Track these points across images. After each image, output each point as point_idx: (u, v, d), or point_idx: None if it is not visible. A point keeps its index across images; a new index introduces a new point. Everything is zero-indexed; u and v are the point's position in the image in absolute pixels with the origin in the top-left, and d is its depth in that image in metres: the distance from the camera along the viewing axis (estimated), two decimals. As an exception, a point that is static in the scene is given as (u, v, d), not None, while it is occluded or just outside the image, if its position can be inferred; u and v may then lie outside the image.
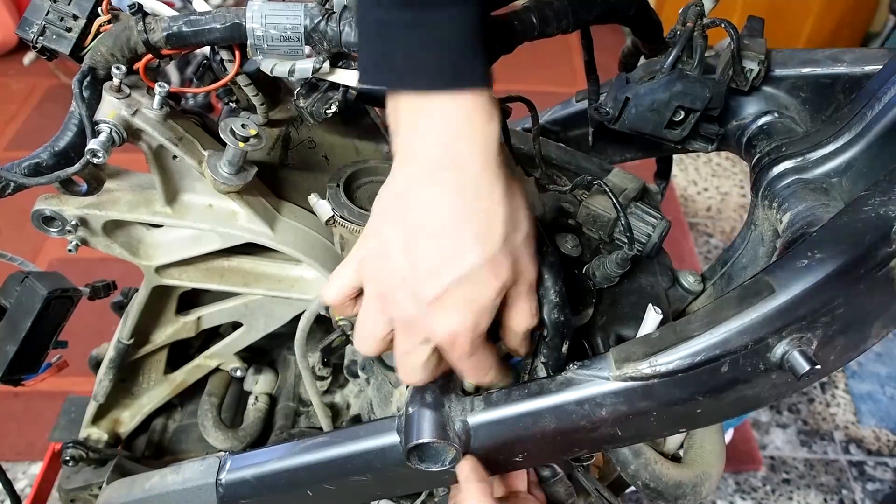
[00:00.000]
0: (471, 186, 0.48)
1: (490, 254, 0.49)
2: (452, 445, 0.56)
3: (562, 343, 0.58)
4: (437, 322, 0.50)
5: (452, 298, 0.49)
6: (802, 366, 0.49)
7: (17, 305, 0.73)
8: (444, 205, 0.48)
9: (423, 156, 0.48)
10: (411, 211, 0.49)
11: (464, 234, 0.48)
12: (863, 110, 0.60)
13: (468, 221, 0.48)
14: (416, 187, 0.49)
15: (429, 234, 0.49)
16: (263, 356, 1.00)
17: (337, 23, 0.61)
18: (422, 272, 0.49)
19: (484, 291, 0.50)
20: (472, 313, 0.50)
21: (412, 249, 0.49)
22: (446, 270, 0.48)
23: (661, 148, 0.77)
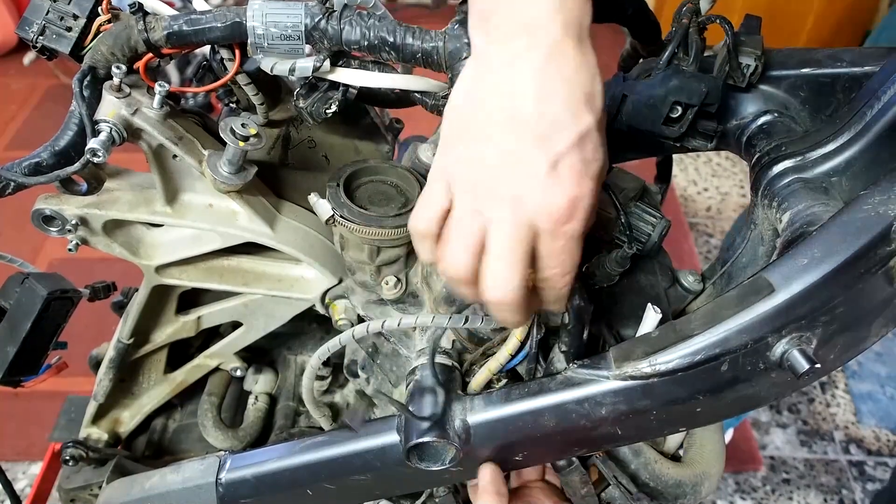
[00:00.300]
0: (571, 52, 0.46)
1: (598, 119, 0.47)
2: (452, 445, 0.56)
3: (582, 330, 0.58)
4: (553, 192, 0.46)
5: (570, 161, 0.46)
6: (802, 365, 0.49)
7: (16, 307, 0.73)
8: (549, 69, 0.46)
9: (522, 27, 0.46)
10: (521, 75, 0.46)
11: (578, 95, 0.46)
12: (862, 110, 0.60)
13: (581, 85, 0.46)
14: (525, 55, 0.46)
15: (537, 97, 0.46)
16: (263, 356, 1.00)
17: (338, 21, 0.61)
18: (531, 140, 0.46)
19: (598, 154, 0.47)
20: (589, 174, 0.47)
21: (516, 119, 0.46)
22: (563, 132, 0.46)
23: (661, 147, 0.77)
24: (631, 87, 0.67)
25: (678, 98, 0.65)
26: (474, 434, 0.57)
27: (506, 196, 0.47)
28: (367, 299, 0.72)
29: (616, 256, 0.65)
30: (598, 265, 0.67)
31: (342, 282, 0.79)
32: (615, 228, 0.69)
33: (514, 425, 0.56)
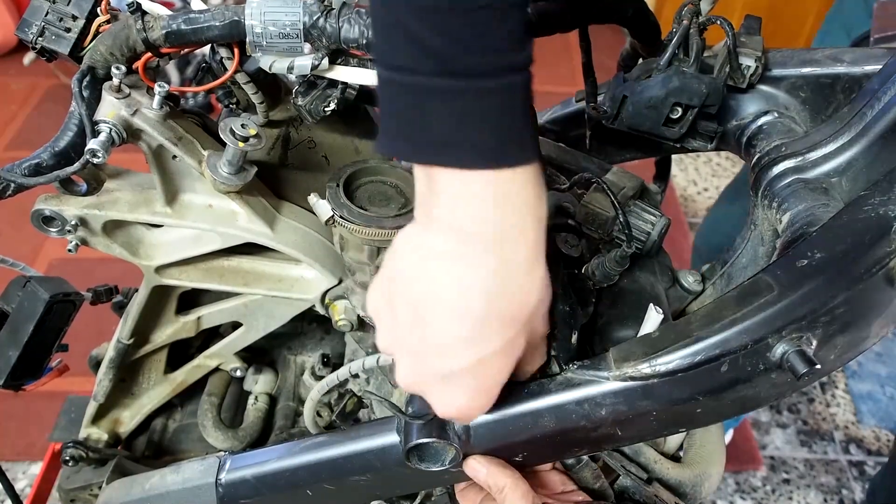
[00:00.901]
0: (513, 273, 0.44)
1: (511, 337, 0.46)
2: (452, 445, 0.56)
3: (570, 334, 0.58)
4: (441, 398, 0.50)
5: (462, 380, 0.48)
6: (802, 365, 0.49)
7: (18, 310, 0.73)
8: (479, 288, 0.43)
9: (465, 230, 0.43)
10: (435, 284, 0.44)
11: (491, 318, 0.45)
12: (863, 110, 0.60)
13: (499, 307, 0.44)
14: (447, 261, 0.44)
15: (451, 310, 0.44)
16: (263, 356, 1.00)
17: (336, 19, 0.61)
18: (432, 346, 0.46)
19: (499, 374, 0.49)
20: (482, 395, 0.50)
21: (427, 321, 0.45)
22: (462, 353, 0.46)
23: (661, 147, 0.77)
24: (631, 87, 0.67)
25: (679, 99, 0.65)
26: (474, 435, 0.57)
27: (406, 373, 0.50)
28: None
29: (615, 256, 0.65)
30: (598, 265, 0.67)
31: (342, 282, 0.79)
32: (614, 227, 0.69)
33: (513, 426, 0.56)
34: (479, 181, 0.41)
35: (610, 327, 0.67)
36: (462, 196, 0.42)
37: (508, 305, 0.45)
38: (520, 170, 0.42)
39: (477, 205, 0.42)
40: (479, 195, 0.42)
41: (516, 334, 0.46)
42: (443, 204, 0.43)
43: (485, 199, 0.42)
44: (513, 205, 0.42)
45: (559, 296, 0.57)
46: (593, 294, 0.68)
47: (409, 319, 0.46)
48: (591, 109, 0.73)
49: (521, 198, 0.42)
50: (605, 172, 0.78)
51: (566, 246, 0.68)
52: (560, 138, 0.87)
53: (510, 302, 0.45)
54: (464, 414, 0.51)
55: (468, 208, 0.42)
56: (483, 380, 0.48)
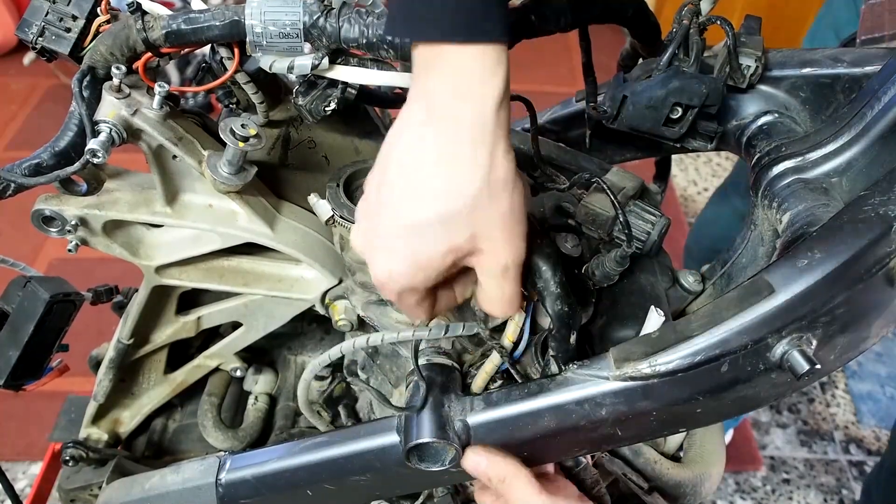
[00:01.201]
0: (455, 140, 0.47)
1: (450, 211, 0.48)
2: (452, 445, 0.56)
3: (569, 334, 0.58)
4: (376, 259, 0.51)
5: (396, 241, 0.50)
6: (802, 365, 0.49)
7: (19, 311, 0.73)
8: (424, 149, 0.48)
9: (424, 102, 0.48)
10: (395, 148, 0.49)
11: (431, 182, 0.48)
12: (863, 110, 0.60)
13: (439, 173, 0.47)
14: (407, 128, 0.49)
15: (401, 170, 0.49)
16: (263, 356, 1.00)
17: (336, 19, 0.61)
18: (382, 204, 0.50)
19: (430, 247, 0.49)
20: (409, 263, 0.50)
21: (384, 181, 0.50)
22: (400, 214, 0.49)
23: (661, 147, 0.77)
24: (631, 87, 0.67)
25: (679, 99, 0.65)
26: (474, 435, 0.57)
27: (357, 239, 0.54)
28: (366, 300, 0.72)
29: (615, 255, 0.65)
30: (598, 265, 0.67)
31: (342, 282, 0.79)
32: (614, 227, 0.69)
33: (513, 426, 0.56)
34: (444, 55, 0.46)
35: (610, 327, 0.67)
36: (431, 68, 0.47)
37: (445, 178, 0.47)
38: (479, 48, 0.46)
39: (437, 76, 0.47)
40: (440, 67, 0.46)
41: (453, 215, 0.48)
42: (417, 78, 0.48)
43: (444, 70, 0.46)
44: (466, 78, 0.46)
45: (558, 295, 0.57)
46: (593, 294, 0.68)
47: (376, 182, 0.51)
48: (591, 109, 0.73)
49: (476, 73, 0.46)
50: (605, 172, 0.78)
51: (566, 246, 0.68)
52: (560, 138, 0.87)
53: (448, 175, 0.47)
54: (390, 279, 0.51)
55: (431, 79, 0.47)
56: (413, 246, 0.49)
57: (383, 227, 0.50)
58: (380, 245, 0.51)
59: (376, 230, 0.51)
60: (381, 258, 0.51)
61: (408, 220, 0.49)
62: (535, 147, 0.77)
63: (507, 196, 0.49)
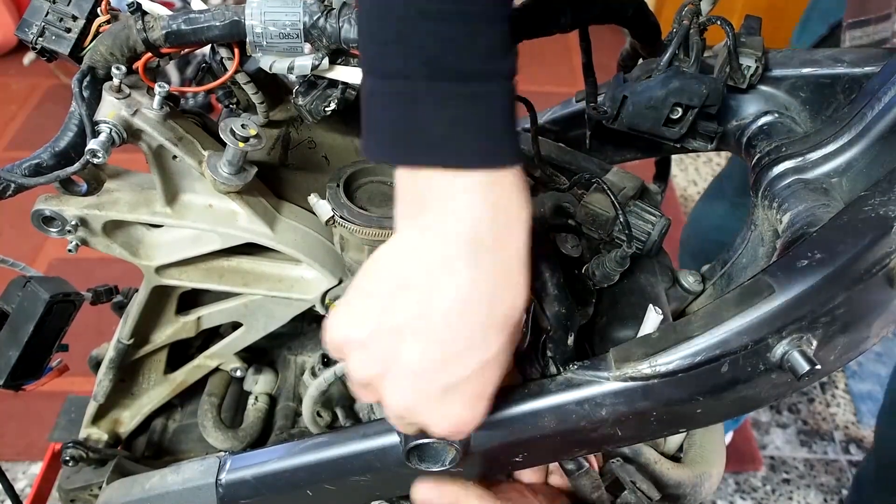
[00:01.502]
0: (506, 268, 0.45)
1: (506, 339, 0.46)
2: (452, 445, 0.56)
3: (566, 336, 0.58)
4: (438, 415, 0.48)
5: (465, 389, 0.47)
6: (802, 366, 0.49)
7: (18, 311, 0.73)
8: (478, 288, 0.44)
9: (461, 235, 0.43)
10: (437, 292, 0.44)
11: (494, 322, 0.45)
12: (863, 110, 0.60)
13: (500, 309, 0.45)
14: (446, 267, 0.43)
15: (457, 317, 0.44)
16: (263, 356, 1.00)
17: (336, 19, 0.61)
18: (439, 360, 0.45)
19: (496, 379, 0.48)
20: (482, 402, 0.48)
21: (430, 334, 0.45)
22: (467, 362, 0.45)
23: (661, 148, 0.77)
24: (631, 88, 0.67)
25: (679, 99, 0.65)
26: (474, 435, 0.57)
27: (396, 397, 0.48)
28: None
29: (616, 256, 0.65)
30: (598, 265, 0.67)
31: (342, 282, 0.79)
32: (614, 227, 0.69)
33: (513, 426, 0.56)
34: (471, 182, 0.42)
35: (610, 327, 0.67)
36: (455, 199, 0.43)
37: (504, 308, 0.45)
38: (509, 172, 0.43)
39: (471, 207, 0.43)
40: (472, 197, 0.43)
41: (509, 337, 0.47)
42: (435, 209, 0.43)
43: (478, 201, 0.43)
44: (504, 206, 0.44)
45: (556, 297, 0.57)
46: (593, 294, 0.68)
47: (404, 336, 0.45)
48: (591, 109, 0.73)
49: (512, 199, 0.44)
50: (605, 172, 0.78)
51: (566, 246, 0.68)
52: (560, 138, 0.87)
53: (505, 304, 0.45)
54: (464, 427, 0.49)
55: (463, 211, 0.43)
56: (483, 386, 0.48)
57: (442, 384, 0.46)
58: (439, 403, 0.47)
59: (430, 390, 0.46)
60: (442, 415, 0.48)
61: (475, 365, 0.46)
62: (536, 147, 0.77)
63: None
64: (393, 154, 0.44)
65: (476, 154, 0.42)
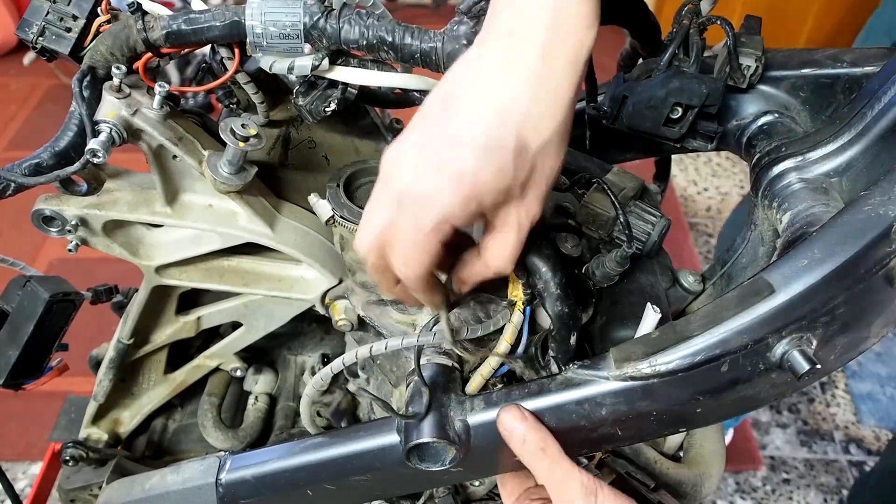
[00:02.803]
0: (547, 79, 0.45)
1: (522, 147, 0.46)
2: (452, 445, 0.56)
3: (569, 335, 0.58)
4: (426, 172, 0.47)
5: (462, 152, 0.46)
6: (802, 365, 0.49)
7: (18, 310, 0.73)
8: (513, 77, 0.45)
9: (515, 35, 0.45)
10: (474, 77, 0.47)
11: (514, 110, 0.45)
12: (863, 110, 0.60)
13: (525, 105, 0.45)
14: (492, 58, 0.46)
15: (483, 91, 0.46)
16: (263, 356, 1.00)
17: (336, 20, 0.61)
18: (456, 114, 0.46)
19: (490, 177, 0.46)
20: (465, 183, 0.46)
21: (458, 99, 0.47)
22: (479, 127, 0.45)
23: (661, 148, 0.77)
24: (631, 87, 0.67)
25: (679, 99, 0.65)
26: (474, 435, 0.57)
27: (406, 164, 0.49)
28: (366, 300, 0.72)
29: (616, 256, 0.65)
30: (598, 265, 0.67)
31: (342, 282, 0.79)
32: (615, 227, 0.69)
33: (514, 426, 0.56)
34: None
35: (610, 327, 0.67)
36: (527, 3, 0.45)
37: (531, 111, 0.46)
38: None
39: (534, 6, 0.45)
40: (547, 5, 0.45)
41: (525, 150, 0.46)
42: (502, 7, 0.46)
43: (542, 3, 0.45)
44: (567, 18, 0.45)
45: (559, 296, 0.57)
46: (593, 294, 0.68)
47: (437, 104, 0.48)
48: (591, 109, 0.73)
49: (575, 15, 0.45)
50: (606, 172, 0.78)
51: (566, 246, 0.68)
52: (560, 138, 0.87)
53: (534, 108, 0.46)
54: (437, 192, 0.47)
55: (526, 9, 0.45)
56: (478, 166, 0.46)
57: (450, 132, 0.46)
58: (436, 153, 0.46)
59: (439, 136, 0.47)
60: (431, 172, 0.47)
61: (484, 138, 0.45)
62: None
63: (563, 151, 0.49)
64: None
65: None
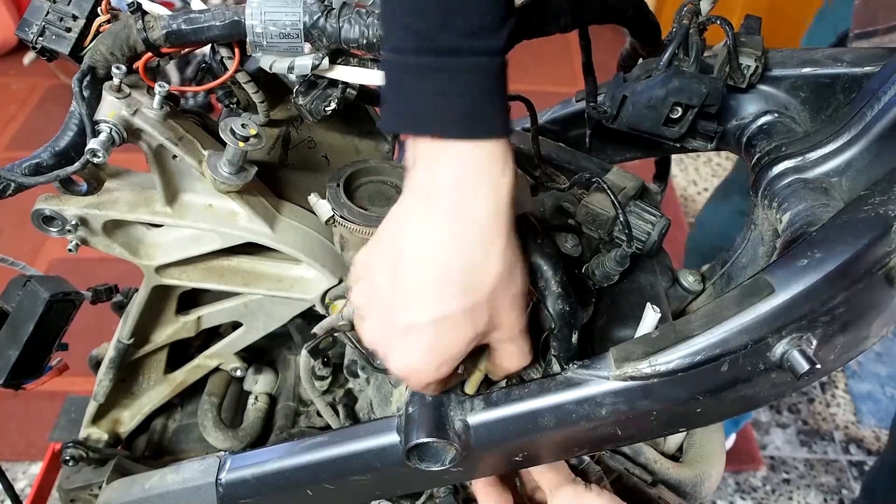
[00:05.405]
0: (472, 237, 0.48)
1: (471, 305, 0.49)
2: (452, 445, 0.56)
3: (571, 333, 0.58)
4: (398, 353, 0.51)
5: (420, 336, 0.49)
6: (802, 365, 0.49)
7: (18, 310, 0.73)
8: (443, 246, 0.48)
9: (433, 197, 0.48)
10: (408, 240, 0.49)
11: (452, 279, 0.48)
12: (862, 110, 0.60)
13: (460, 270, 0.48)
14: (418, 219, 0.48)
15: (419, 264, 0.48)
16: (263, 356, 1.00)
17: (336, 19, 0.61)
18: (400, 296, 0.49)
19: (454, 340, 0.50)
20: (435, 357, 0.50)
21: (399, 273, 0.49)
22: (424, 306, 0.49)
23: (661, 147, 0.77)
24: (631, 87, 0.67)
25: (679, 99, 0.65)
26: (474, 435, 0.57)
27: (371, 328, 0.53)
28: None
29: (615, 255, 0.65)
30: (598, 264, 0.67)
31: (342, 282, 0.79)
32: (614, 227, 0.70)
33: (514, 426, 0.56)
34: (448, 150, 0.46)
35: (610, 327, 0.67)
36: (434, 163, 0.47)
37: (466, 272, 0.48)
38: (485, 144, 0.47)
39: (444, 171, 0.47)
40: (446, 163, 0.47)
41: (476, 305, 0.49)
42: (419, 169, 0.48)
43: (450, 167, 0.47)
44: (476, 175, 0.47)
45: (559, 295, 0.57)
46: (593, 294, 0.68)
47: (386, 272, 0.50)
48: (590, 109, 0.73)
49: (485, 170, 0.47)
50: (606, 172, 0.78)
51: (566, 246, 0.68)
52: (560, 138, 0.87)
53: (469, 269, 0.48)
54: (414, 372, 0.51)
55: (437, 174, 0.47)
56: (439, 340, 0.50)
57: (404, 318, 0.49)
58: (400, 340, 0.50)
59: (394, 325, 0.50)
60: (400, 354, 0.51)
61: (432, 312, 0.48)
62: (536, 147, 0.77)
63: (518, 276, 0.51)
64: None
65: (452, 125, 0.46)
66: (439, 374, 0.52)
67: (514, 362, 0.56)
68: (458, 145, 0.46)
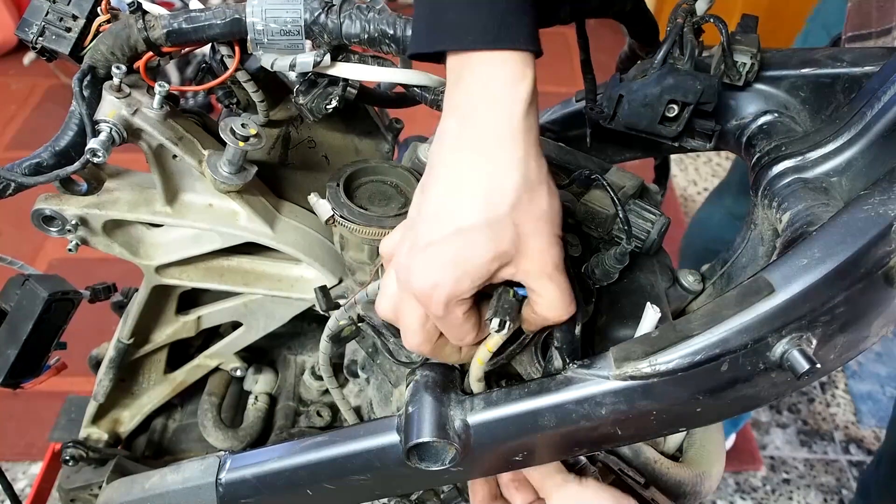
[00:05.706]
0: (488, 144, 0.48)
1: (492, 216, 0.48)
2: (452, 445, 0.56)
3: (574, 325, 0.58)
4: (419, 269, 0.50)
5: (441, 249, 0.49)
6: (802, 365, 0.49)
7: (17, 309, 0.73)
8: (460, 156, 0.49)
9: (457, 112, 0.49)
10: (435, 162, 0.50)
11: (471, 188, 0.48)
12: (862, 109, 0.60)
13: (478, 178, 0.48)
14: (444, 140, 0.50)
15: (441, 181, 0.49)
16: (263, 356, 1.00)
17: (337, 15, 0.61)
18: (422, 218, 0.50)
19: (475, 253, 0.48)
20: (455, 270, 0.49)
21: (425, 196, 0.50)
22: (443, 220, 0.49)
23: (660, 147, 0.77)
24: (627, 87, 0.67)
25: (674, 96, 0.65)
26: (474, 434, 0.57)
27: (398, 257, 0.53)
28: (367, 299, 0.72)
29: (615, 253, 0.65)
30: (598, 263, 0.67)
31: (342, 282, 0.79)
32: (614, 225, 0.69)
33: (513, 425, 0.56)
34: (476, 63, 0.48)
35: (610, 327, 0.67)
36: (462, 78, 0.49)
37: (484, 185, 0.48)
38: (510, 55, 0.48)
39: (472, 83, 0.48)
40: (475, 74, 0.48)
41: (496, 219, 0.48)
42: (450, 87, 0.50)
43: (477, 78, 0.48)
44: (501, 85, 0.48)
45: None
46: (593, 293, 0.68)
47: (416, 201, 0.52)
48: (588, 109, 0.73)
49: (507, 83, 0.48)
50: (605, 172, 0.78)
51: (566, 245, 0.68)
52: (560, 138, 0.87)
53: (486, 181, 0.48)
54: (435, 287, 0.49)
55: (465, 87, 0.49)
56: (459, 252, 0.48)
57: (425, 236, 0.49)
58: (422, 255, 0.49)
59: (416, 241, 0.50)
60: (423, 268, 0.49)
61: (451, 225, 0.48)
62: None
63: (545, 195, 0.50)
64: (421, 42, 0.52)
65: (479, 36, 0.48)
66: (461, 288, 0.49)
67: (550, 307, 0.53)
68: (483, 57, 0.48)
